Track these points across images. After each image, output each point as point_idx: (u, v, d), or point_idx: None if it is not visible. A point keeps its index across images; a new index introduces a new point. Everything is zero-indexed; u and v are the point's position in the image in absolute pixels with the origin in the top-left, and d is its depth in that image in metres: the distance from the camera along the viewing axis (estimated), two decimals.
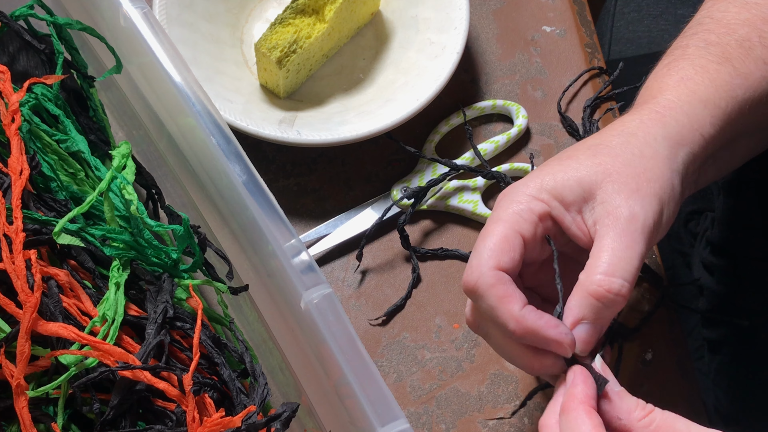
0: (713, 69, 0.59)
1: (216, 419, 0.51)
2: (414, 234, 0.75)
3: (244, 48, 0.81)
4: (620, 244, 0.53)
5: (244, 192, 0.56)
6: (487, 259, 0.54)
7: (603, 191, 0.55)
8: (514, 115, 0.79)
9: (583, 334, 0.53)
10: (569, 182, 0.56)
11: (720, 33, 0.61)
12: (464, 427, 0.69)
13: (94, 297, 0.57)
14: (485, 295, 0.54)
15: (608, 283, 0.53)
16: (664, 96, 0.59)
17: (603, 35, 0.95)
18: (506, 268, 0.54)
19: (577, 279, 0.54)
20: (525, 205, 0.56)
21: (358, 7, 0.79)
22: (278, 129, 0.74)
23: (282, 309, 0.57)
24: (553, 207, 0.56)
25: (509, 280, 0.54)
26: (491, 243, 0.55)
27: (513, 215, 0.56)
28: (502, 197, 0.57)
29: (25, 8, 0.64)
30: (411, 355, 0.71)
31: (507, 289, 0.54)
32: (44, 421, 0.55)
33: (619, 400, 0.51)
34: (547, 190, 0.56)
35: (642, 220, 0.54)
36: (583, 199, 0.56)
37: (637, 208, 0.54)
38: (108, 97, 0.70)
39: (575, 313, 0.53)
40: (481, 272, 0.54)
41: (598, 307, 0.53)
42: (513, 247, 0.55)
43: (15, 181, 0.57)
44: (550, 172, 0.57)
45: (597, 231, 0.55)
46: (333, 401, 0.54)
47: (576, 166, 0.56)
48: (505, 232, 0.55)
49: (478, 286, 0.54)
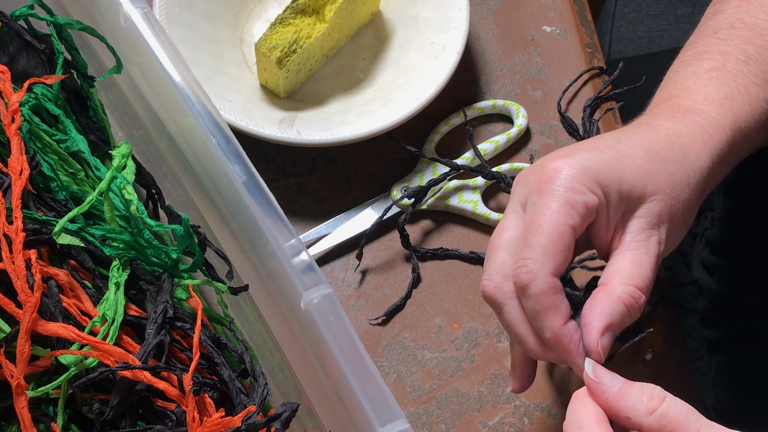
0: (754, 92, 0.60)
1: (216, 419, 0.51)
2: (414, 234, 0.75)
3: (244, 48, 0.81)
4: (647, 263, 0.54)
5: (244, 192, 0.56)
6: (543, 261, 0.53)
7: (647, 207, 0.55)
8: (514, 115, 0.79)
9: (608, 342, 0.53)
10: (622, 186, 0.55)
11: (757, 45, 0.61)
12: (464, 427, 0.69)
13: (94, 297, 0.57)
14: (535, 299, 0.53)
15: (637, 294, 0.53)
16: (710, 112, 0.58)
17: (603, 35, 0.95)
18: (561, 270, 0.54)
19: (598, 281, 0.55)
20: (580, 198, 0.54)
21: (358, 7, 0.79)
22: (278, 129, 0.74)
23: (282, 309, 0.57)
24: (602, 205, 0.55)
25: (560, 290, 0.54)
26: (547, 240, 0.53)
27: (567, 207, 0.53)
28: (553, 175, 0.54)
29: (25, 8, 0.64)
30: (411, 355, 0.71)
31: (556, 300, 0.53)
32: (44, 421, 0.55)
33: (621, 399, 0.51)
34: (600, 184, 0.54)
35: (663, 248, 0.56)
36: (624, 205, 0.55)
37: (664, 236, 0.56)
38: (108, 97, 0.70)
39: (605, 319, 0.53)
40: (536, 275, 0.53)
41: (624, 314, 0.53)
42: (568, 245, 0.54)
43: (15, 181, 0.57)
44: (607, 164, 0.55)
45: (626, 241, 0.55)
46: (333, 401, 0.54)
47: (633, 170, 0.55)
48: (561, 228, 0.53)
49: (530, 288, 0.53)
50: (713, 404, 0.81)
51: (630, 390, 0.51)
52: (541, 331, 0.54)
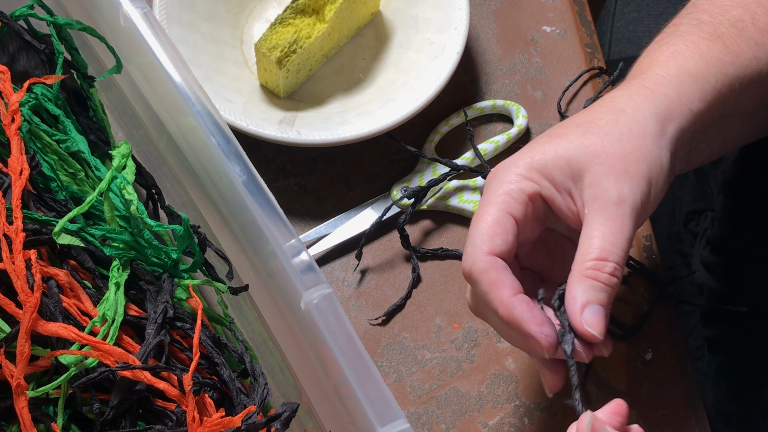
0: (704, 45, 0.59)
1: (216, 419, 0.51)
2: (414, 234, 0.75)
3: (244, 48, 0.81)
4: (610, 229, 0.54)
5: (244, 192, 0.56)
6: (480, 244, 0.55)
7: (591, 174, 0.55)
8: (514, 115, 0.79)
9: (594, 317, 0.53)
10: (559, 162, 0.56)
11: (713, 13, 0.61)
12: (464, 427, 0.69)
13: (94, 297, 0.57)
14: (478, 280, 0.55)
15: (602, 266, 0.53)
16: (653, 71, 0.59)
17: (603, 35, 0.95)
18: (500, 251, 0.55)
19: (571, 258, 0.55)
20: (515, 185, 0.56)
21: (358, 7, 0.79)
22: (278, 129, 0.74)
23: (282, 309, 0.57)
24: (543, 187, 0.56)
25: (502, 266, 0.55)
26: (484, 227, 0.55)
27: (503, 196, 0.56)
28: (492, 177, 0.57)
29: (25, 8, 0.64)
30: (411, 355, 0.71)
31: (499, 275, 0.54)
32: (44, 421, 0.55)
33: None
34: (537, 169, 0.56)
35: (631, 203, 0.55)
36: (572, 180, 0.56)
37: (625, 190, 0.55)
38: (108, 97, 0.70)
39: (581, 298, 0.53)
40: (474, 258, 0.55)
41: (598, 287, 0.54)
42: (505, 229, 0.55)
43: (15, 181, 0.57)
44: (540, 150, 0.57)
45: (586, 215, 0.55)
46: (333, 401, 0.54)
47: (566, 146, 0.56)
48: (496, 215, 0.56)
49: (472, 272, 0.55)
50: (713, 404, 0.80)
51: None
52: (495, 311, 0.54)
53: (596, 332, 0.53)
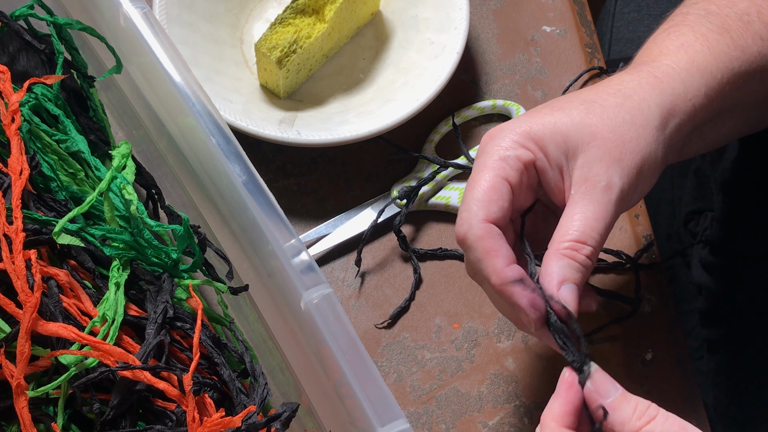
0: (713, 38, 0.59)
1: (216, 419, 0.51)
2: (413, 234, 0.75)
3: (244, 48, 0.81)
4: (593, 213, 0.54)
5: (244, 192, 0.56)
6: (476, 210, 0.55)
7: (585, 155, 0.55)
8: (514, 115, 0.79)
9: (569, 294, 0.54)
10: (556, 137, 0.56)
11: (720, 4, 0.61)
12: (464, 427, 0.69)
13: (94, 297, 0.57)
14: (473, 247, 0.55)
15: (580, 248, 0.54)
16: (663, 60, 0.59)
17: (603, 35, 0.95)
18: (496, 218, 0.55)
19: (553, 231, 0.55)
20: (512, 152, 0.56)
21: (358, 7, 0.79)
22: (278, 129, 0.74)
23: (282, 309, 0.57)
24: (538, 158, 0.56)
25: (497, 234, 0.55)
26: (479, 193, 0.55)
27: (499, 162, 0.56)
28: (488, 140, 0.57)
29: (25, 8, 0.64)
30: (411, 355, 0.71)
31: (494, 244, 0.55)
32: (44, 421, 0.55)
33: (612, 412, 0.51)
34: (534, 139, 0.56)
35: (617, 191, 0.55)
36: (565, 156, 0.56)
37: (615, 178, 0.55)
38: (108, 97, 0.70)
39: (557, 275, 0.54)
40: (470, 224, 0.55)
41: (574, 267, 0.54)
42: (501, 195, 0.55)
43: (15, 181, 0.57)
44: (539, 120, 0.56)
45: (572, 195, 0.55)
46: (333, 401, 0.54)
47: (566, 121, 0.56)
48: (492, 181, 0.55)
49: (466, 238, 0.55)
50: (713, 404, 0.81)
51: (623, 405, 0.51)
52: (488, 279, 0.55)
53: (571, 308, 0.54)
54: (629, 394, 0.51)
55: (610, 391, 0.51)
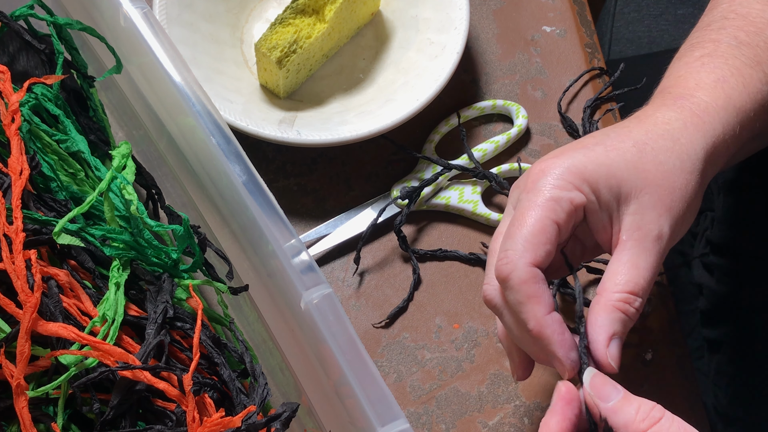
0: (747, 73, 0.59)
1: (216, 419, 0.51)
2: (414, 234, 0.75)
3: (244, 48, 0.81)
4: (644, 263, 0.54)
5: (244, 192, 0.56)
6: (523, 251, 0.53)
7: (639, 202, 0.54)
8: (514, 115, 0.79)
9: (617, 350, 0.53)
10: (610, 180, 0.54)
11: (749, 32, 0.61)
12: (464, 427, 0.69)
13: (94, 297, 0.57)
14: (516, 289, 0.53)
15: (632, 300, 0.53)
16: (701, 96, 0.58)
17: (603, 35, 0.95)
18: (541, 261, 0.54)
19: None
20: (565, 194, 0.54)
21: (358, 7, 0.79)
22: (278, 129, 0.74)
23: (282, 309, 0.57)
24: (590, 201, 0.55)
25: (542, 279, 0.53)
26: (528, 234, 0.53)
27: (551, 203, 0.54)
28: (540, 175, 0.55)
29: (25, 8, 0.64)
30: (411, 355, 0.71)
31: (538, 290, 0.53)
32: (44, 421, 0.55)
33: (614, 414, 0.50)
34: (588, 181, 0.54)
35: (667, 240, 0.54)
36: (617, 201, 0.55)
37: (666, 228, 0.54)
38: (108, 97, 0.70)
39: (608, 329, 0.53)
40: (516, 265, 0.53)
41: (623, 320, 0.53)
42: (550, 239, 0.54)
43: (15, 181, 0.57)
44: (594, 160, 0.55)
45: (623, 241, 0.54)
46: (333, 401, 0.54)
47: (620, 164, 0.55)
48: (543, 223, 0.54)
49: (510, 279, 0.53)
50: (713, 404, 0.80)
51: (625, 407, 0.50)
52: (525, 323, 0.53)
53: (616, 365, 0.53)
54: (631, 395, 0.51)
55: (611, 394, 0.51)
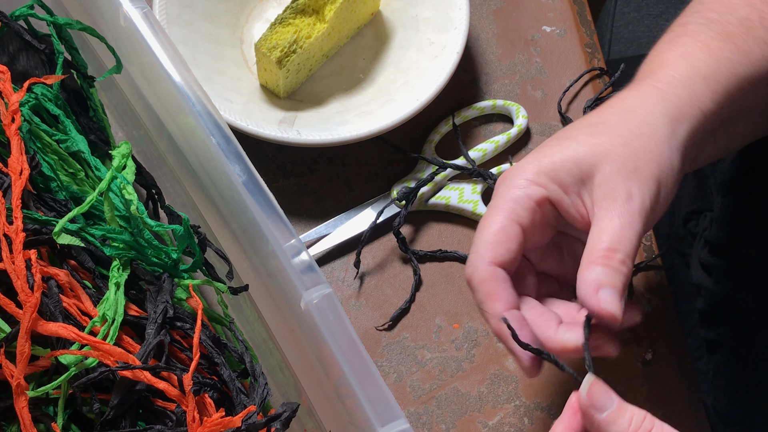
0: (714, 45, 0.59)
1: (216, 419, 0.51)
2: (413, 234, 0.75)
3: (244, 48, 0.81)
4: (619, 224, 0.54)
5: (244, 192, 0.56)
6: (483, 252, 0.55)
7: (601, 173, 0.55)
8: (514, 115, 0.79)
9: (609, 297, 0.52)
10: (567, 164, 0.55)
11: (721, 12, 0.61)
12: (464, 427, 0.69)
13: (94, 297, 0.57)
14: (476, 289, 0.55)
15: (612, 255, 0.53)
16: (664, 71, 0.59)
17: (603, 35, 0.95)
18: (503, 261, 0.55)
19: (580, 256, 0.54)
20: (522, 191, 0.56)
21: (358, 7, 0.79)
22: (278, 129, 0.74)
23: (282, 309, 0.57)
24: (551, 191, 0.56)
25: (502, 278, 0.55)
26: (488, 235, 0.55)
27: (510, 203, 0.56)
28: (500, 182, 0.57)
29: (25, 8, 0.64)
30: (411, 355, 0.71)
31: (496, 287, 0.55)
32: (44, 421, 0.55)
33: (608, 426, 0.50)
34: (545, 174, 0.56)
35: (639, 201, 0.54)
36: (581, 182, 0.55)
37: (634, 189, 0.54)
38: (108, 97, 0.70)
39: (594, 280, 0.52)
40: (476, 266, 0.55)
41: (609, 272, 0.53)
42: (510, 238, 0.55)
43: (15, 181, 0.57)
44: (548, 154, 0.56)
45: (595, 213, 0.55)
46: (333, 401, 0.54)
47: (575, 147, 0.56)
48: (502, 223, 0.55)
49: (472, 279, 0.55)
50: (713, 404, 0.80)
51: (619, 418, 0.50)
52: (488, 321, 0.55)
53: (613, 311, 0.52)
54: (625, 404, 0.51)
55: (605, 404, 0.51)
